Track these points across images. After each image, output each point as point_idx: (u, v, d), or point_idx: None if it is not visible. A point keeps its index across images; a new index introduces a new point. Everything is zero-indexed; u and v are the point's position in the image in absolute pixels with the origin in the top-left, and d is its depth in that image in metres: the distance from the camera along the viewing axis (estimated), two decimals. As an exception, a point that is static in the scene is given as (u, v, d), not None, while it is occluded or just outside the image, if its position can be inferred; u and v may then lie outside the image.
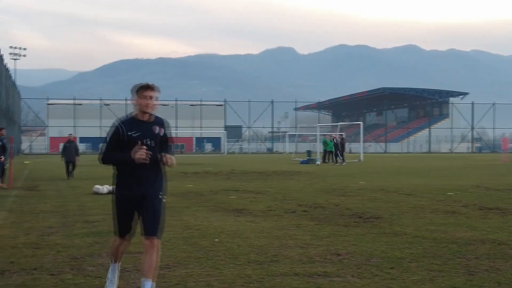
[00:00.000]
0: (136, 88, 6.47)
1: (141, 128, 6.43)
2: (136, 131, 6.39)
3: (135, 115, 6.53)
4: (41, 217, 13.69)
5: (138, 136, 6.37)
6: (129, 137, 6.36)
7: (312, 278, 7.45)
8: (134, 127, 6.41)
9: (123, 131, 6.38)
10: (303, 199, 17.55)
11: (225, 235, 10.78)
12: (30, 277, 7.57)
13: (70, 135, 30.38)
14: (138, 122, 6.47)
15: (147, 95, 6.41)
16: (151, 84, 6.49)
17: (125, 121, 6.49)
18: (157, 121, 6.61)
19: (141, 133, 6.40)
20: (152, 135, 6.48)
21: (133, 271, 7.87)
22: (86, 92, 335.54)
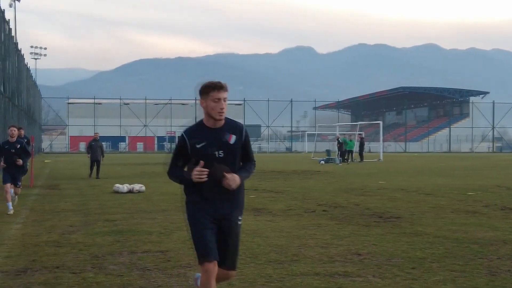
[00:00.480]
0: (205, 87, 5.28)
1: (208, 137, 5.25)
2: (201, 140, 5.25)
3: (203, 121, 5.36)
4: (63, 215, 13.79)
5: (203, 147, 5.23)
6: (194, 149, 5.26)
7: (333, 278, 7.43)
8: (199, 136, 5.27)
9: (187, 142, 5.29)
10: (322, 198, 17.53)
11: (245, 234, 10.78)
12: (52, 275, 7.62)
13: (96, 134, 30.21)
14: (205, 130, 5.30)
15: (220, 97, 5.22)
16: (224, 84, 5.33)
17: (190, 129, 5.38)
18: (229, 126, 5.36)
19: (207, 142, 5.23)
20: (221, 144, 5.27)
21: (154, 269, 7.90)
22: (106, 91, 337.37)
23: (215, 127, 5.27)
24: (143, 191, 19.92)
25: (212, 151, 5.22)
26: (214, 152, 5.22)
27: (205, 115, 5.30)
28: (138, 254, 8.97)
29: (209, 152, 5.21)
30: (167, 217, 13.36)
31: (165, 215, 13.66)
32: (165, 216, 13.55)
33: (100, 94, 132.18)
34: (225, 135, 5.29)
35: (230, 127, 5.34)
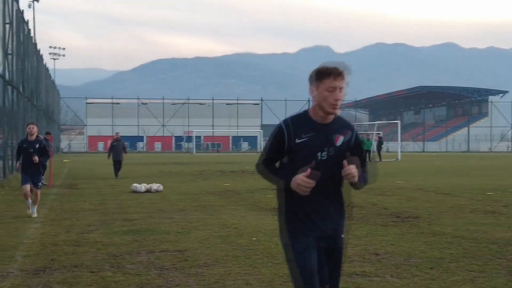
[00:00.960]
0: (318, 72, 4.32)
1: (316, 133, 4.28)
2: (307, 136, 4.26)
3: (308, 112, 4.39)
4: (81, 215, 13.87)
5: (304, 144, 4.26)
6: (296, 145, 4.26)
7: (351, 278, 7.42)
8: (304, 131, 4.28)
9: (288, 136, 4.28)
10: (340, 198, 17.45)
11: (263, 234, 10.80)
12: (70, 274, 7.67)
13: (118, 134, 30.14)
14: (310, 123, 4.33)
15: (336, 86, 4.26)
16: (342, 70, 4.30)
17: (293, 121, 4.34)
18: (338, 123, 4.41)
19: (309, 139, 4.26)
20: (326, 144, 4.29)
21: (171, 269, 7.92)
22: (124, 91, 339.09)
23: (322, 122, 4.32)
24: (161, 190, 19.98)
25: (315, 151, 4.25)
26: (317, 153, 4.25)
27: (313, 106, 4.38)
28: (156, 253, 9.01)
29: (310, 152, 4.24)
30: (185, 216, 13.39)
31: (183, 215, 13.69)
32: (183, 215, 13.58)
33: (118, 94, 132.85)
34: (332, 134, 4.33)
35: (339, 125, 4.40)
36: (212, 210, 14.57)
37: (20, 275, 7.66)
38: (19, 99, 30.36)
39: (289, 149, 4.27)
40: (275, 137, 4.31)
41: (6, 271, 7.86)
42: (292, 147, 4.25)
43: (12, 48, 27.55)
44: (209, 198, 17.80)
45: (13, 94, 27.57)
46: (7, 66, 25.91)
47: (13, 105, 27.37)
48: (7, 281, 7.36)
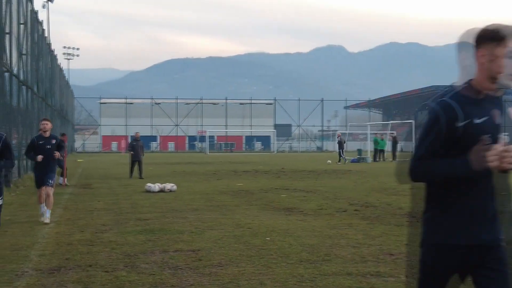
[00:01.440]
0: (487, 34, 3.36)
1: (481, 112, 3.41)
2: (476, 116, 3.37)
3: (463, 89, 3.46)
4: (95, 214, 13.91)
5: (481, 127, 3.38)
6: (465, 130, 3.35)
7: (365, 278, 7.39)
8: (472, 111, 3.38)
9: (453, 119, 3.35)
10: (354, 198, 17.44)
11: (276, 233, 10.78)
12: (85, 273, 7.69)
13: (137, 133, 29.72)
14: (473, 101, 3.42)
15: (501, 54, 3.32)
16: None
17: (453, 100, 3.38)
18: (491, 97, 3.49)
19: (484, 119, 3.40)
20: (494, 126, 3.46)
21: (185, 268, 7.92)
22: (137, 91, 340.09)
23: (478, 97, 3.44)
24: (174, 190, 20.00)
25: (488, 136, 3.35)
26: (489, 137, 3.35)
27: (477, 76, 3.44)
28: (169, 253, 9.01)
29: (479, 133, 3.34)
30: (198, 216, 13.40)
31: (196, 214, 13.69)
32: (197, 215, 13.59)
33: (132, 94, 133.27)
34: (491, 110, 3.47)
35: (492, 100, 3.51)
36: (226, 210, 14.58)
37: (35, 274, 7.69)
38: (33, 99, 30.50)
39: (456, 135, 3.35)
40: (433, 126, 3.38)
41: (21, 270, 7.89)
42: (460, 132, 3.34)
43: (26, 49, 27.68)
44: (223, 197, 17.81)
45: (27, 94, 27.70)
46: (22, 66, 26.04)
47: (27, 105, 27.51)
48: (22, 280, 7.38)
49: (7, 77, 21.32)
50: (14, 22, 23.60)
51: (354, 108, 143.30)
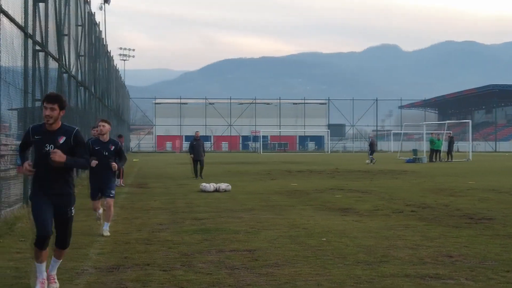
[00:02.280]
0: None
1: None
2: None
3: None
4: (152, 213, 14.06)
5: None
6: None
7: (424, 280, 7.28)
8: None
9: None
10: (410, 198, 17.22)
11: (332, 234, 10.71)
12: (143, 272, 7.76)
13: (197, 133, 29.31)
14: None
15: None
16: None
17: None
18: None
19: None
20: None
21: (242, 268, 7.93)
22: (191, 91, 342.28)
23: None
24: (229, 190, 20.09)
25: None
26: None
27: None
28: (226, 252, 9.04)
29: None
30: (254, 216, 13.41)
31: (252, 214, 13.72)
32: (252, 215, 13.61)
33: (186, 94, 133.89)
34: None
35: None
36: (281, 210, 14.56)
37: (94, 272, 7.80)
38: (91, 99, 31.04)
39: None
40: None
41: (81, 268, 8.02)
42: None
43: (84, 50, 28.17)
44: (277, 197, 17.80)
45: (85, 95, 28.21)
46: (80, 67, 26.51)
47: (85, 105, 28.00)
48: (82, 278, 7.50)
49: (65, 78, 21.74)
50: (72, 24, 24.04)
51: (409, 108, 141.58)
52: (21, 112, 15.66)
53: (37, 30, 16.17)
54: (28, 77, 15.08)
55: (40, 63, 16.74)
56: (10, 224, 11.13)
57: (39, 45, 16.43)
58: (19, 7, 14.23)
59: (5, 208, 12.18)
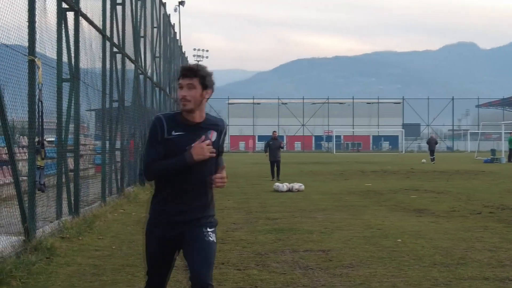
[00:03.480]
0: None
1: None
2: None
3: None
4: (225, 213, 14.16)
5: None
6: None
7: (504, 283, 7.10)
8: None
9: None
10: (488, 199, 16.81)
11: (408, 235, 10.55)
12: (218, 271, 7.82)
13: (274, 132, 28.10)
14: None
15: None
16: None
17: None
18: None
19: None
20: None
21: (316, 269, 7.91)
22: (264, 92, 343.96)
23: None
24: (302, 190, 20.06)
25: None
26: None
27: None
28: (300, 252, 9.03)
29: None
30: (327, 216, 13.35)
31: (325, 215, 13.65)
32: (325, 215, 13.55)
33: (259, 94, 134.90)
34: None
35: None
36: (355, 210, 14.45)
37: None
38: (166, 100, 31.53)
39: None
40: None
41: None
42: None
43: (159, 51, 28.64)
44: (351, 198, 17.67)
45: (160, 95, 28.67)
46: (155, 68, 26.96)
47: (160, 106, 28.46)
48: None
49: (142, 79, 22.15)
50: (148, 26, 24.48)
51: (487, 107, 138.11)
52: (99, 113, 16.04)
53: (114, 32, 16.55)
54: (106, 78, 15.45)
55: (117, 64, 17.13)
56: (89, 222, 11.40)
57: (116, 47, 16.81)
58: (97, 10, 14.61)
59: (84, 207, 12.50)
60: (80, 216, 11.63)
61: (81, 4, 12.16)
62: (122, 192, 16.96)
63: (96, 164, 16.70)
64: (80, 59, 12.25)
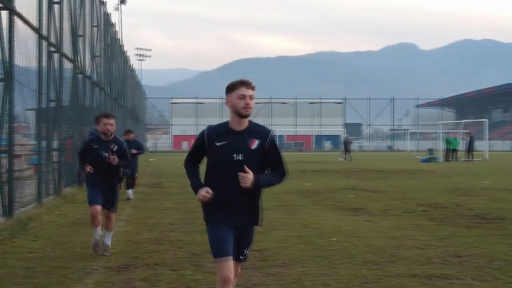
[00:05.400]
0: None
1: None
2: None
3: None
4: (164, 213, 14.14)
5: None
6: None
7: (431, 280, 7.31)
8: None
9: None
10: (423, 198, 17.20)
11: (342, 234, 10.74)
12: (152, 272, 7.85)
13: None
14: None
15: None
16: None
17: None
18: None
19: None
20: None
21: (250, 268, 7.99)
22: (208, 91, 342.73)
23: None
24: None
25: None
26: None
27: None
28: (235, 252, 9.08)
29: None
30: (265, 216, 13.30)
31: (264, 214, 13.70)
32: (264, 215, 13.59)
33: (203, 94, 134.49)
34: None
35: None
36: (293, 210, 14.60)
37: (104, 272, 7.90)
38: (106, 99, 31.22)
39: None
40: None
41: (90, 268, 8.12)
42: None
43: (99, 51, 28.35)
44: (291, 197, 17.81)
45: (100, 95, 28.38)
46: (95, 68, 26.69)
47: (100, 105, 28.17)
48: (92, 277, 7.60)
49: (80, 79, 21.90)
50: (87, 25, 24.21)
51: (426, 107, 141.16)
52: (36, 113, 15.82)
53: (51, 31, 16.34)
54: (42, 78, 15.23)
55: (54, 64, 16.91)
56: (24, 224, 11.25)
57: (53, 46, 16.60)
58: (33, 9, 14.39)
59: (19, 208, 12.32)
60: (14, 217, 11.46)
61: (15, 2, 11.99)
62: (60, 193, 16.76)
63: (33, 164, 16.45)
64: (15, 59, 12.06)
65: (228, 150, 5.00)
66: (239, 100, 4.97)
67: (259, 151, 5.08)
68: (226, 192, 5.09)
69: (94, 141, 9.35)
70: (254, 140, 5.07)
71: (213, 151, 5.06)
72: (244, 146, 5.02)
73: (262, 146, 5.10)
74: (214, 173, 5.13)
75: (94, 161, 9.18)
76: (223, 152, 5.01)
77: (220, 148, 5.02)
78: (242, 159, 5.01)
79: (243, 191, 5.09)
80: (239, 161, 4.99)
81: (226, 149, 5.00)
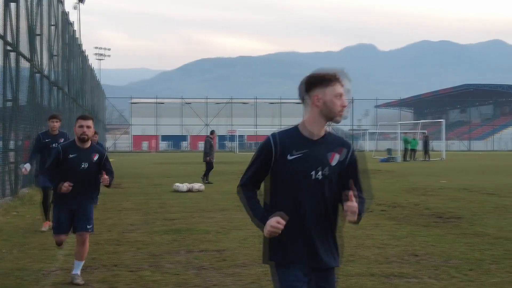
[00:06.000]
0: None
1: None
2: None
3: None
4: (123, 214, 14.04)
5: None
6: None
7: (388, 279, 7.38)
8: None
9: None
10: (382, 198, 17.33)
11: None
12: (110, 273, 7.79)
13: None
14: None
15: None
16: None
17: None
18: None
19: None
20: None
21: (209, 269, 7.98)
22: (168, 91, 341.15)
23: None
24: (202, 190, 20.10)
25: None
26: None
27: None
28: (195, 253, 9.08)
29: None
30: (226, 216, 13.45)
31: (224, 214, 13.75)
32: (224, 215, 13.64)
33: (163, 94, 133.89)
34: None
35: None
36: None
37: (61, 274, 7.81)
38: (64, 99, 30.85)
39: None
40: None
41: (48, 269, 8.03)
42: None
43: (57, 50, 28.00)
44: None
45: (58, 95, 28.03)
46: (53, 67, 26.35)
47: (58, 105, 27.83)
48: (49, 279, 7.51)
49: (38, 78, 21.60)
50: (45, 24, 23.89)
51: (385, 107, 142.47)
52: None
53: (8, 30, 16.08)
54: (-1, 77, 14.99)
55: (11, 63, 16.65)
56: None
57: (10, 45, 16.34)
58: (-11, 7, 14.16)
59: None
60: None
61: (-30, 0, 11.78)
62: (16, 194, 16.51)
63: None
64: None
65: (304, 166, 3.80)
66: (336, 99, 3.91)
67: (338, 168, 3.89)
68: (300, 223, 3.86)
69: (69, 150, 7.52)
70: (334, 154, 3.89)
71: (283, 166, 3.83)
72: (324, 161, 3.84)
73: (342, 162, 3.91)
74: (279, 198, 3.92)
75: (70, 175, 7.36)
76: (297, 168, 3.79)
77: (293, 163, 3.80)
78: (321, 177, 3.83)
79: (321, 220, 3.97)
80: (318, 181, 3.83)
81: (302, 164, 3.80)
